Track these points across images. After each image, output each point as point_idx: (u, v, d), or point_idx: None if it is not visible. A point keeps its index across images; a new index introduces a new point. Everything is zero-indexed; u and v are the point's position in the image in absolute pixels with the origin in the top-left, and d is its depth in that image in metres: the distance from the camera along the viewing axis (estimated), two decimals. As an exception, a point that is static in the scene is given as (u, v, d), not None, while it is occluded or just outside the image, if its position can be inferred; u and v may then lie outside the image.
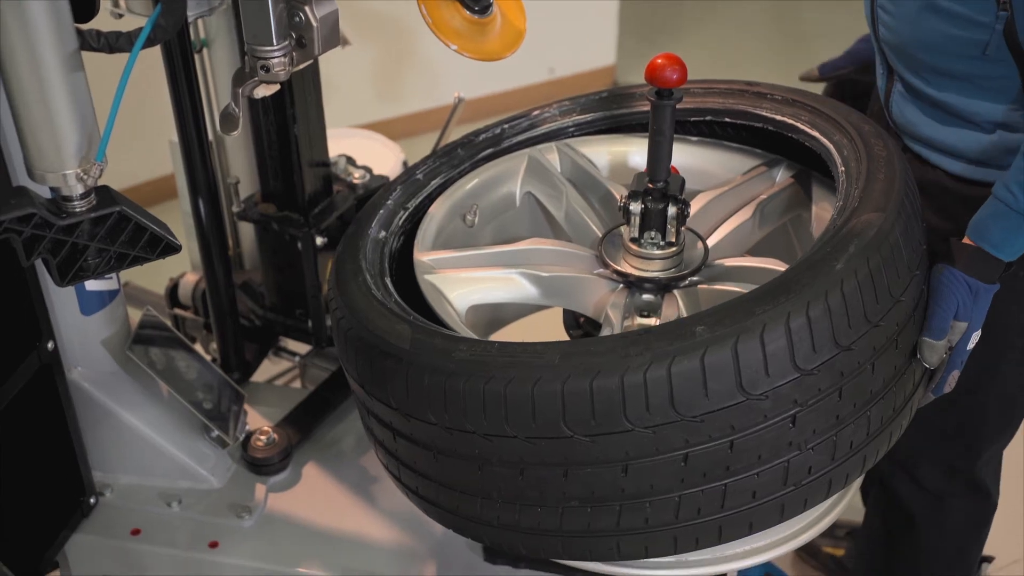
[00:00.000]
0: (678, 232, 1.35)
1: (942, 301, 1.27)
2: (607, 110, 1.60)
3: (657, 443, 1.10)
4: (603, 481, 1.14)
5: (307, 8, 1.18)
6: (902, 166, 1.29)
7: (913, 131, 1.53)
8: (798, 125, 1.42)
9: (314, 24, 1.18)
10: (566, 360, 1.10)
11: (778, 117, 1.45)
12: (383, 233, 1.42)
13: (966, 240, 1.31)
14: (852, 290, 1.11)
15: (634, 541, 1.19)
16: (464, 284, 1.38)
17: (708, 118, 1.53)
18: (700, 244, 1.39)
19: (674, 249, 1.35)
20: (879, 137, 1.34)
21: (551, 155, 1.56)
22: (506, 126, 1.59)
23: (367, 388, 1.24)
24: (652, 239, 1.35)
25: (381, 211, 1.45)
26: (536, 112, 1.61)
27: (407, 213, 1.47)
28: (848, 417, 1.15)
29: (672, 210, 1.33)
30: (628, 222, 1.36)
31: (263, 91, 1.24)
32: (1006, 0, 1.31)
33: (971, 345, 1.32)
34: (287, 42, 1.19)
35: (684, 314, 1.30)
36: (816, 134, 1.39)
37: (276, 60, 1.19)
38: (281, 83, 1.23)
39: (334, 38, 1.21)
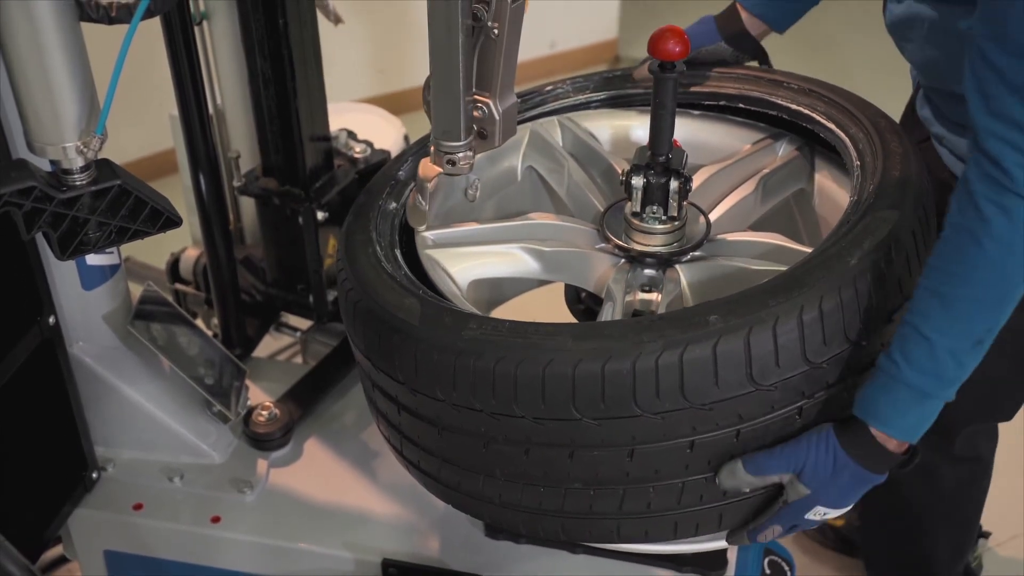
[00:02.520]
0: (680, 206, 1.34)
1: (787, 448, 1.14)
2: (621, 89, 1.59)
3: (665, 429, 1.10)
4: (608, 464, 1.14)
5: (491, 103, 1.21)
6: (917, 164, 1.27)
7: (935, 132, 1.47)
8: (814, 116, 1.42)
9: (497, 118, 1.22)
10: (578, 343, 1.10)
11: (793, 106, 1.45)
12: (393, 204, 1.42)
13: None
14: (864, 286, 1.11)
15: (635, 525, 1.20)
16: (466, 259, 1.37)
17: (722, 103, 1.52)
18: (702, 219, 1.38)
19: (676, 224, 1.34)
20: (895, 133, 1.33)
21: (553, 129, 1.55)
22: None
23: (373, 361, 1.23)
24: (654, 213, 1.34)
25: (392, 182, 1.45)
26: (549, 88, 1.60)
27: None
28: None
29: (674, 184, 1.33)
30: (630, 196, 1.35)
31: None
32: None
33: (815, 518, 1.18)
34: (471, 137, 1.23)
35: (686, 289, 1.30)
36: (832, 126, 1.39)
37: (461, 155, 1.23)
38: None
39: (512, 128, 1.26)
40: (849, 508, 1.20)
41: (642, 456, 1.12)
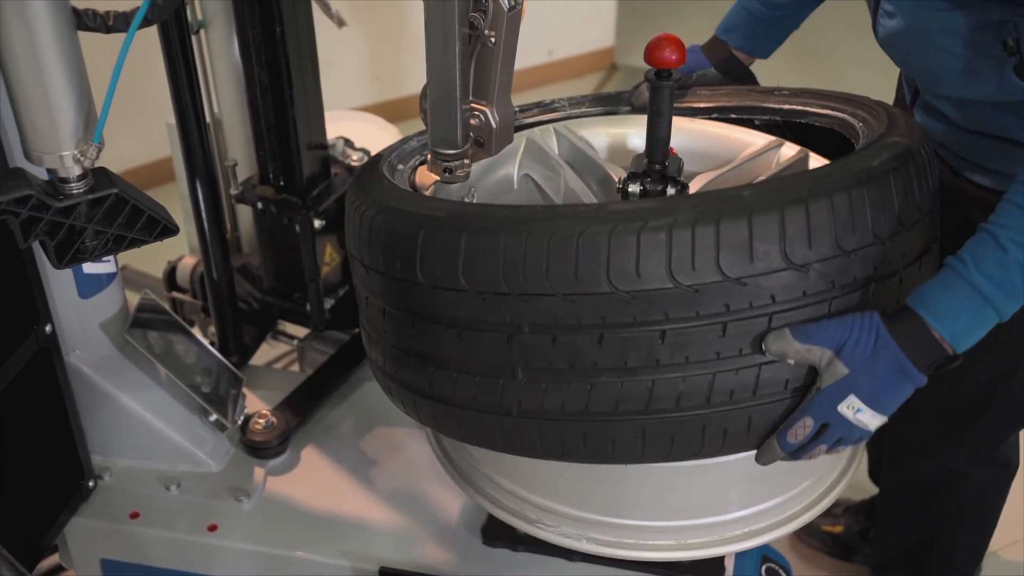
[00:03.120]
0: None
1: (832, 322, 1.12)
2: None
3: (698, 305, 1.09)
4: (638, 348, 1.12)
5: (488, 111, 1.22)
6: (920, 124, 1.31)
7: (936, 139, 1.48)
8: (807, 110, 1.44)
9: (494, 126, 1.22)
10: (612, 213, 1.10)
11: (786, 107, 1.47)
12: (401, 166, 1.42)
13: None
14: (886, 186, 1.14)
15: (662, 429, 1.16)
16: None
17: (714, 115, 1.54)
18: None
19: None
20: (893, 106, 1.37)
21: (549, 137, 1.55)
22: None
23: (393, 270, 1.21)
24: None
25: (396, 151, 1.45)
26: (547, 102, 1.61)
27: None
28: None
29: (671, 192, 1.33)
30: None
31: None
32: (1013, 44, 1.26)
33: (849, 413, 1.15)
34: (467, 145, 1.24)
35: None
36: (828, 112, 1.42)
37: (458, 163, 1.23)
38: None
39: (509, 136, 1.26)
40: (884, 420, 1.16)
41: (674, 338, 1.11)
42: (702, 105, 1.55)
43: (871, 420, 1.16)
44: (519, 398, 1.18)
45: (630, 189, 1.34)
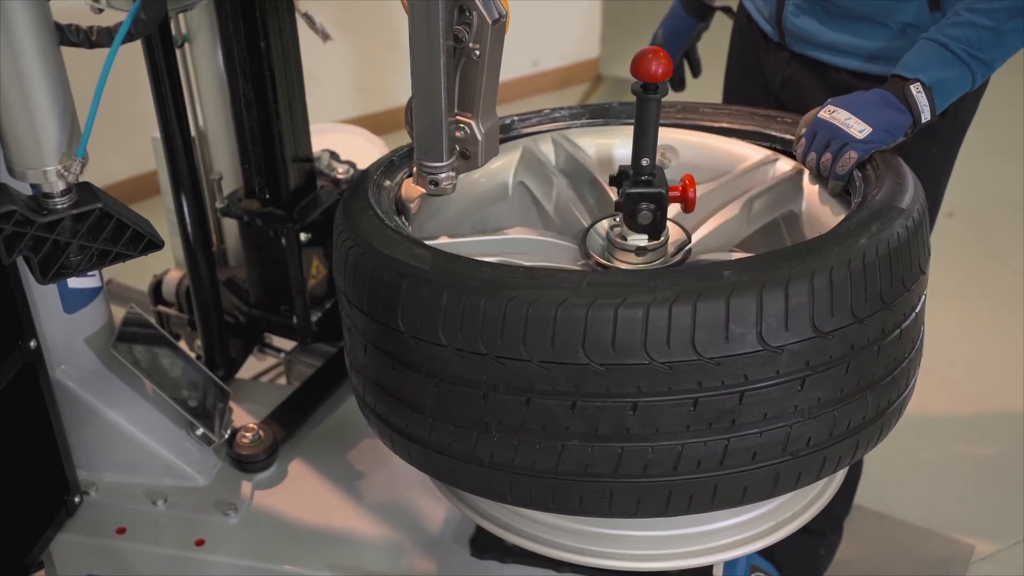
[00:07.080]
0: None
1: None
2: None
3: (671, 381, 1.10)
4: (610, 417, 1.13)
5: (473, 123, 1.22)
6: (915, 177, 1.34)
7: (812, 39, 1.67)
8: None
9: (479, 138, 1.23)
10: (593, 285, 1.11)
11: (788, 136, 1.50)
12: (388, 182, 1.42)
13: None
14: (871, 265, 1.14)
15: (628, 491, 1.18)
16: None
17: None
18: (685, 237, 1.38)
19: (656, 242, 1.35)
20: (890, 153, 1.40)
21: (546, 145, 1.55)
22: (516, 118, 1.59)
23: (374, 313, 1.21)
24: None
25: (384, 165, 1.45)
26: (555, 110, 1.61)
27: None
28: (850, 395, 1.17)
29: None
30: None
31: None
32: None
33: (837, 121, 1.38)
34: (454, 158, 1.24)
35: None
36: None
37: (444, 175, 1.24)
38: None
39: (495, 148, 1.27)
40: (869, 129, 1.37)
41: (645, 410, 1.12)
42: (705, 125, 1.56)
43: (853, 123, 1.38)
44: (491, 451, 1.19)
45: (613, 199, 1.34)
